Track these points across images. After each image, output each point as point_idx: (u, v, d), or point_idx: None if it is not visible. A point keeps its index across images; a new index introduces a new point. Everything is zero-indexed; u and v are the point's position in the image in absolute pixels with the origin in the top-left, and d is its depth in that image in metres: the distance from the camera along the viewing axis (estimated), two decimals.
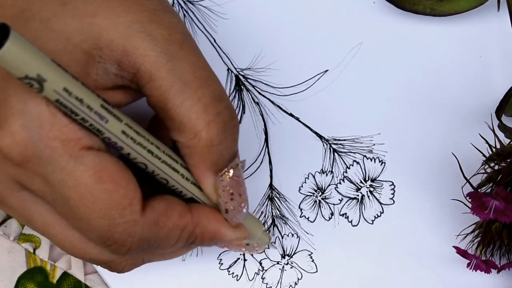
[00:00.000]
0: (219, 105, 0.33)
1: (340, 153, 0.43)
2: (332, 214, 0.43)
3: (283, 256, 0.43)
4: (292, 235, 0.43)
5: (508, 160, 0.38)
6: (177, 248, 0.35)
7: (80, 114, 0.30)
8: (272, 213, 0.43)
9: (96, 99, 0.30)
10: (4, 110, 0.30)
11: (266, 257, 0.42)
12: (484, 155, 0.39)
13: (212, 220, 0.35)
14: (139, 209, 0.32)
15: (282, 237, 0.43)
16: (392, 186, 0.43)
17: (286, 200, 0.43)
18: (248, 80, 0.44)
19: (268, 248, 0.42)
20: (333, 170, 0.43)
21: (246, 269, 0.42)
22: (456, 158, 0.41)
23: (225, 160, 0.34)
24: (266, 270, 0.42)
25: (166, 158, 0.33)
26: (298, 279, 0.42)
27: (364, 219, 0.43)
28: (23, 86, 0.30)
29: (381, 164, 0.43)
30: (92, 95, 0.30)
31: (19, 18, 0.31)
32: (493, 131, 0.39)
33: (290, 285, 0.42)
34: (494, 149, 0.39)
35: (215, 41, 0.44)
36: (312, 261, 0.42)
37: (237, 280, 0.42)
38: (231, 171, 0.34)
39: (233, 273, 0.42)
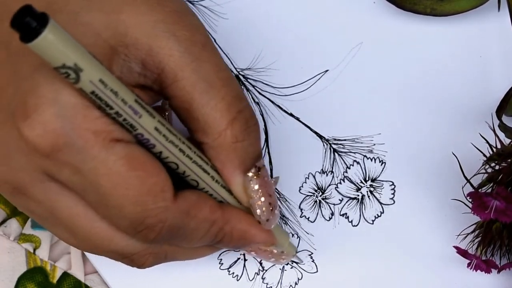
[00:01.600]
0: (241, 104, 0.33)
1: (340, 153, 0.43)
2: (332, 214, 0.43)
3: None
4: (292, 235, 0.43)
5: (509, 160, 0.38)
6: (203, 245, 0.35)
7: (114, 108, 0.30)
8: None
9: (130, 94, 0.30)
10: (33, 99, 0.30)
11: None
12: (484, 155, 0.39)
13: (243, 220, 0.35)
14: (171, 196, 0.32)
15: None
16: (393, 186, 0.43)
17: (286, 200, 0.43)
18: (248, 80, 0.44)
19: (294, 261, 0.42)
20: (333, 170, 0.43)
21: (246, 269, 0.42)
22: (457, 158, 0.41)
23: (251, 159, 0.34)
24: (266, 270, 0.42)
25: (197, 158, 0.33)
26: (298, 279, 0.42)
27: (365, 219, 0.43)
28: (55, 76, 0.30)
29: (381, 164, 0.43)
30: (126, 89, 0.30)
31: (47, 10, 0.31)
32: (494, 131, 0.39)
33: (290, 285, 0.42)
34: (494, 149, 0.39)
35: (215, 41, 0.44)
36: (312, 261, 0.42)
37: (237, 280, 0.42)
38: (258, 170, 0.35)
39: (233, 273, 0.42)
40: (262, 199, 0.35)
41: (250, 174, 0.35)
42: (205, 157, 0.34)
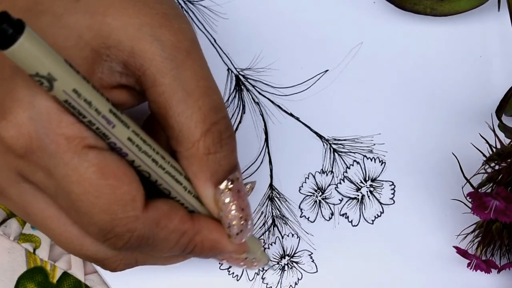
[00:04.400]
0: (217, 115, 0.33)
1: (340, 153, 0.43)
2: (332, 214, 0.43)
3: (283, 256, 0.43)
4: (292, 235, 0.43)
5: (509, 160, 0.38)
6: (174, 254, 0.35)
7: (87, 117, 0.30)
8: (272, 213, 0.43)
9: (105, 104, 0.30)
10: (10, 102, 0.30)
11: None
12: (484, 155, 0.39)
13: (214, 230, 0.35)
14: (141, 206, 0.32)
15: (282, 237, 0.43)
16: (392, 186, 0.43)
17: (286, 200, 0.43)
18: (248, 80, 0.44)
19: (266, 268, 0.42)
20: (333, 170, 0.43)
21: (246, 269, 0.42)
22: (456, 158, 0.41)
23: (224, 171, 0.34)
24: (266, 270, 0.42)
25: (170, 169, 0.33)
26: (298, 279, 0.42)
27: (364, 219, 0.43)
28: (33, 80, 0.30)
29: (381, 164, 0.43)
30: (101, 98, 0.30)
31: (32, 11, 0.31)
32: (494, 131, 0.39)
33: (290, 285, 0.42)
34: (494, 149, 0.39)
35: (215, 41, 0.44)
36: (312, 261, 0.42)
37: (237, 280, 0.42)
38: (231, 183, 0.34)
39: (233, 273, 0.42)
40: (233, 212, 0.35)
41: (222, 186, 0.34)
42: (180, 166, 0.34)
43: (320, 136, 0.44)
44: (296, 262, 0.42)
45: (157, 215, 0.33)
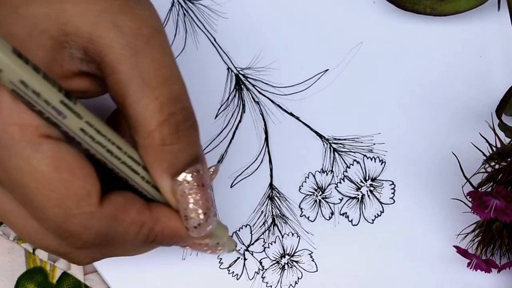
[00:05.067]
0: (174, 106, 0.32)
1: (340, 153, 0.43)
2: (332, 213, 0.43)
3: (283, 256, 0.43)
4: (292, 234, 0.43)
5: (509, 159, 0.38)
6: (137, 246, 0.35)
7: (36, 107, 0.30)
8: (272, 212, 0.43)
9: (56, 94, 0.30)
10: None
11: (266, 256, 0.42)
12: (484, 154, 0.39)
13: (173, 218, 0.34)
14: (96, 202, 0.31)
15: (282, 237, 0.43)
16: (393, 186, 0.43)
17: (286, 200, 0.43)
18: (248, 79, 0.44)
19: (233, 252, 0.41)
20: (333, 170, 0.43)
21: (246, 268, 0.42)
22: (457, 158, 0.41)
23: (181, 163, 0.33)
24: (266, 269, 0.42)
25: (126, 159, 0.33)
26: (298, 278, 0.42)
27: (365, 218, 0.43)
28: None
29: (381, 164, 0.43)
30: (52, 89, 0.30)
31: None
32: (494, 130, 0.39)
33: (291, 285, 0.42)
34: (494, 148, 0.39)
35: (215, 40, 0.44)
36: (312, 260, 0.42)
37: (237, 280, 0.42)
38: (190, 176, 0.33)
39: (233, 272, 0.42)
40: (191, 206, 0.33)
41: (179, 178, 0.33)
42: (138, 156, 0.33)
43: (320, 136, 0.44)
44: (296, 261, 0.42)
45: (114, 209, 0.32)
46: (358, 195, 0.43)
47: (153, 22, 0.32)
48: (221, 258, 0.42)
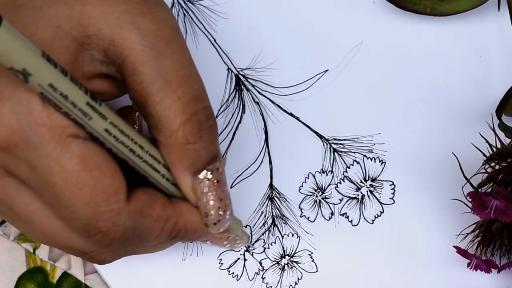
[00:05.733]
0: (197, 105, 0.32)
1: (340, 153, 0.43)
2: (332, 214, 0.43)
3: (283, 256, 0.43)
4: (292, 235, 0.43)
5: (509, 159, 0.38)
6: (160, 241, 0.35)
7: (63, 109, 0.30)
8: (272, 213, 0.43)
9: (83, 96, 0.30)
10: None
11: (266, 256, 0.42)
12: (484, 155, 0.39)
13: (195, 212, 0.35)
14: (124, 198, 0.32)
15: (282, 237, 0.43)
16: (392, 186, 0.43)
17: (286, 200, 0.43)
18: (248, 79, 0.44)
19: (247, 246, 0.42)
20: (333, 170, 0.43)
21: (246, 269, 0.42)
22: (457, 158, 0.41)
23: (203, 162, 0.34)
24: (266, 270, 0.42)
25: (148, 157, 0.33)
26: (298, 278, 0.42)
27: (364, 218, 0.43)
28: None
29: (381, 164, 0.43)
30: (79, 92, 0.30)
31: (11, 6, 0.32)
32: (494, 130, 0.39)
33: (291, 285, 0.42)
34: (494, 149, 0.39)
35: (215, 40, 0.44)
36: (312, 261, 0.42)
37: (237, 280, 0.42)
38: (210, 173, 0.34)
39: (233, 273, 0.42)
40: (211, 202, 0.34)
41: (200, 176, 0.34)
42: (159, 155, 0.34)
43: (320, 136, 0.44)
44: (296, 262, 0.42)
45: (139, 206, 0.33)
46: (358, 195, 0.43)
47: (172, 23, 0.33)
48: (221, 259, 0.42)
